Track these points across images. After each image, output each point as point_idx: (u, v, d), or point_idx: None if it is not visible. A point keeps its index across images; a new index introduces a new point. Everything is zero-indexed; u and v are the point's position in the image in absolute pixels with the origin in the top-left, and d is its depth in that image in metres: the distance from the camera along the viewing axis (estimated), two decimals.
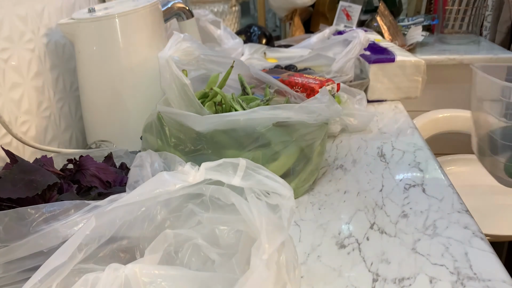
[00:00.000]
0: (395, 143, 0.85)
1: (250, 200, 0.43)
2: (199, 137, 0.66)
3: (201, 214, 0.47)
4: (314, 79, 0.89)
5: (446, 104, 1.60)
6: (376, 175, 0.74)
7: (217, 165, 0.46)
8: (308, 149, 0.68)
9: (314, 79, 0.89)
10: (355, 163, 0.79)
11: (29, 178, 0.54)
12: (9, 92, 0.71)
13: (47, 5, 0.81)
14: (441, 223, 0.60)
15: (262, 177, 0.45)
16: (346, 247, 0.57)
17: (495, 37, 1.75)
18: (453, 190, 0.68)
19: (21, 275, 0.49)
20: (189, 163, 0.48)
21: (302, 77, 0.90)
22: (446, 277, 0.50)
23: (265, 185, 0.44)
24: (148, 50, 0.82)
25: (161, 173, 0.46)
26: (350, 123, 0.89)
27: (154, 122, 0.69)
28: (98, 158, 0.65)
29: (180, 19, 1.02)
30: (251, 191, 0.44)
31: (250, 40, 1.44)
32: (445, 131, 1.39)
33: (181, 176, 0.45)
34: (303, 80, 0.88)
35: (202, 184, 0.47)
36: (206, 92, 0.77)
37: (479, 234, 0.57)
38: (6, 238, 0.47)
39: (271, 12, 2.16)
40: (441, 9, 1.76)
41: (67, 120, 0.88)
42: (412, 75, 1.05)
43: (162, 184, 0.44)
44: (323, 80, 0.89)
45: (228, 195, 0.45)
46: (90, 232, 0.41)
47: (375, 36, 1.26)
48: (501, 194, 1.22)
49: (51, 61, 0.82)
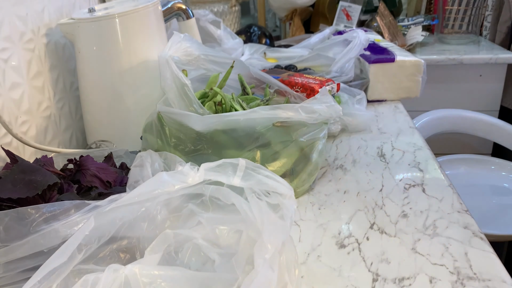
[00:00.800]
0: (395, 143, 0.85)
1: (251, 200, 0.43)
2: (199, 137, 0.66)
3: (201, 214, 0.47)
4: (314, 79, 0.89)
5: (446, 104, 1.60)
6: (376, 175, 0.74)
7: (216, 166, 0.46)
8: (308, 149, 0.68)
9: (314, 79, 0.89)
10: (355, 163, 0.79)
11: (29, 178, 0.54)
12: (9, 92, 0.71)
13: (47, 5, 0.81)
14: (441, 223, 0.60)
15: (262, 177, 0.45)
16: (346, 247, 0.57)
17: (495, 37, 1.75)
18: (453, 190, 0.68)
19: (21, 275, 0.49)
20: (189, 163, 0.48)
21: (302, 77, 0.90)
22: (446, 277, 0.50)
23: (265, 184, 0.44)
24: (148, 50, 0.82)
25: (160, 174, 0.46)
26: (350, 123, 0.89)
27: (154, 122, 0.69)
28: (98, 158, 0.65)
29: (180, 19, 1.02)
30: (251, 191, 0.44)
31: (250, 40, 1.44)
32: (445, 131, 1.39)
33: (181, 177, 0.45)
34: (303, 80, 0.89)
35: (202, 184, 0.47)
36: (206, 92, 0.77)
37: (479, 234, 0.57)
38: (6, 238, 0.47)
39: (271, 12, 2.16)
40: (441, 9, 1.76)
41: (67, 120, 0.88)
42: (412, 75, 1.05)
43: (161, 185, 0.44)
44: (323, 80, 0.89)
45: (228, 195, 0.45)
46: (89, 232, 0.41)
47: (375, 36, 1.26)
48: (501, 194, 1.22)
49: (51, 61, 0.82)
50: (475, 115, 1.39)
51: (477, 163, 1.34)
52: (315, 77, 0.90)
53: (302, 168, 0.68)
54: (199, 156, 0.66)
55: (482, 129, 1.38)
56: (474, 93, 1.62)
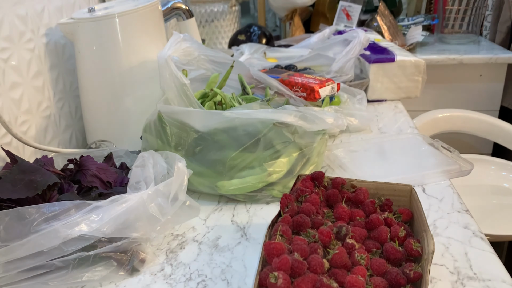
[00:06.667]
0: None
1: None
2: (199, 137, 0.66)
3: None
4: (314, 79, 0.89)
5: (446, 104, 1.60)
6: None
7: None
8: (308, 149, 0.68)
9: (314, 79, 0.89)
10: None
11: (29, 178, 0.54)
12: (9, 92, 0.71)
13: (47, 5, 0.81)
14: (441, 223, 0.60)
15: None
16: None
17: (495, 37, 1.75)
18: (453, 190, 0.68)
19: (21, 274, 0.49)
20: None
21: (302, 77, 0.90)
22: (446, 277, 0.50)
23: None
24: (148, 50, 0.82)
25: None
26: (350, 123, 0.89)
27: (154, 122, 0.69)
28: (98, 158, 0.65)
29: (180, 19, 1.02)
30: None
31: (250, 40, 1.44)
32: (445, 131, 1.38)
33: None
34: (303, 80, 0.89)
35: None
36: (206, 92, 0.77)
37: (479, 234, 0.57)
38: (6, 238, 0.47)
39: (271, 12, 2.16)
40: (441, 9, 1.76)
41: (67, 120, 0.88)
42: (412, 75, 1.05)
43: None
44: (323, 80, 0.89)
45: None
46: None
47: (375, 36, 1.26)
48: (501, 194, 1.22)
49: (51, 61, 0.82)
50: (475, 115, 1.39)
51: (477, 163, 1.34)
52: (315, 77, 0.90)
53: (302, 168, 0.68)
54: (200, 155, 0.66)
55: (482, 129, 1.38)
56: (474, 93, 1.62)
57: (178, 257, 0.57)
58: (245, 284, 0.52)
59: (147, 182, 0.56)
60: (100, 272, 0.52)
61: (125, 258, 0.53)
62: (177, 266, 0.56)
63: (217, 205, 0.68)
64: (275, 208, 0.66)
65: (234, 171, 0.65)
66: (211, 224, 0.64)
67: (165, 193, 0.55)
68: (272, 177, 0.65)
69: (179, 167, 0.58)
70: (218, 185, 0.66)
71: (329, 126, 0.68)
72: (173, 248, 0.59)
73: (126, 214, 0.51)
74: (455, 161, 0.73)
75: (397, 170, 0.73)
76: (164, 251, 0.58)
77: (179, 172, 0.58)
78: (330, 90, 0.88)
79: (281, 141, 0.65)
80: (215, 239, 0.60)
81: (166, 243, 0.60)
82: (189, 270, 0.55)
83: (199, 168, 0.66)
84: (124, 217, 0.51)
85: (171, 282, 0.53)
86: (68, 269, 0.50)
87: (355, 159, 0.78)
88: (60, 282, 0.50)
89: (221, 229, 0.62)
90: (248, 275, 0.53)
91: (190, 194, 0.69)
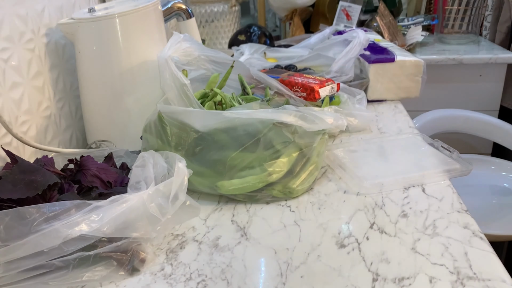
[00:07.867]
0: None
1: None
2: (199, 137, 0.66)
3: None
4: (314, 79, 0.89)
5: (446, 104, 1.60)
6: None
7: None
8: (308, 149, 0.68)
9: (314, 79, 0.89)
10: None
11: (29, 178, 0.54)
12: (9, 92, 0.71)
13: (47, 5, 0.81)
14: (441, 223, 0.60)
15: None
16: (346, 246, 0.57)
17: (495, 37, 1.75)
18: (453, 190, 0.68)
19: (21, 274, 0.49)
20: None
21: (302, 77, 0.90)
22: (446, 277, 0.50)
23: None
24: (148, 50, 0.82)
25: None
26: (350, 123, 0.89)
27: (154, 122, 0.69)
28: (99, 158, 0.65)
29: (180, 19, 1.02)
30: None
31: (250, 40, 1.44)
32: (445, 131, 1.39)
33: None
34: (303, 80, 0.89)
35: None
36: (206, 92, 0.77)
37: (479, 234, 0.57)
38: (6, 237, 0.47)
39: (271, 12, 2.16)
40: (441, 9, 1.76)
41: (67, 120, 0.88)
42: (412, 75, 1.05)
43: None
44: (323, 80, 0.89)
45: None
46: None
47: (375, 36, 1.26)
48: (501, 194, 1.22)
49: (51, 61, 0.82)
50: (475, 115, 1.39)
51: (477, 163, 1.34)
52: (315, 77, 0.90)
53: (302, 168, 0.68)
54: (200, 155, 0.66)
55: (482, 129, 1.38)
56: (474, 93, 1.62)
57: (178, 257, 0.57)
58: (245, 284, 0.52)
59: (147, 182, 0.56)
60: (100, 272, 0.52)
61: (125, 258, 0.54)
62: (177, 266, 0.56)
63: (217, 205, 0.68)
64: (275, 208, 0.66)
65: (234, 171, 0.65)
66: (211, 224, 0.64)
67: (165, 193, 0.55)
68: (272, 177, 0.65)
69: (179, 167, 0.58)
70: (218, 185, 0.66)
71: (329, 126, 0.68)
72: (173, 248, 0.59)
73: (126, 214, 0.51)
74: (455, 161, 0.73)
75: (397, 170, 0.73)
76: (164, 251, 0.58)
77: (179, 172, 0.58)
78: (330, 90, 0.88)
79: (281, 141, 0.65)
80: (215, 239, 0.60)
81: (166, 243, 0.60)
82: (189, 270, 0.55)
83: (199, 168, 0.66)
84: (124, 217, 0.51)
85: (171, 282, 0.53)
86: (68, 269, 0.50)
87: (355, 159, 0.78)
88: (60, 282, 0.50)
89: (221, 229, 0.62)
90: (248, 275, 0.53)
91: (190, 194, 0.69)
